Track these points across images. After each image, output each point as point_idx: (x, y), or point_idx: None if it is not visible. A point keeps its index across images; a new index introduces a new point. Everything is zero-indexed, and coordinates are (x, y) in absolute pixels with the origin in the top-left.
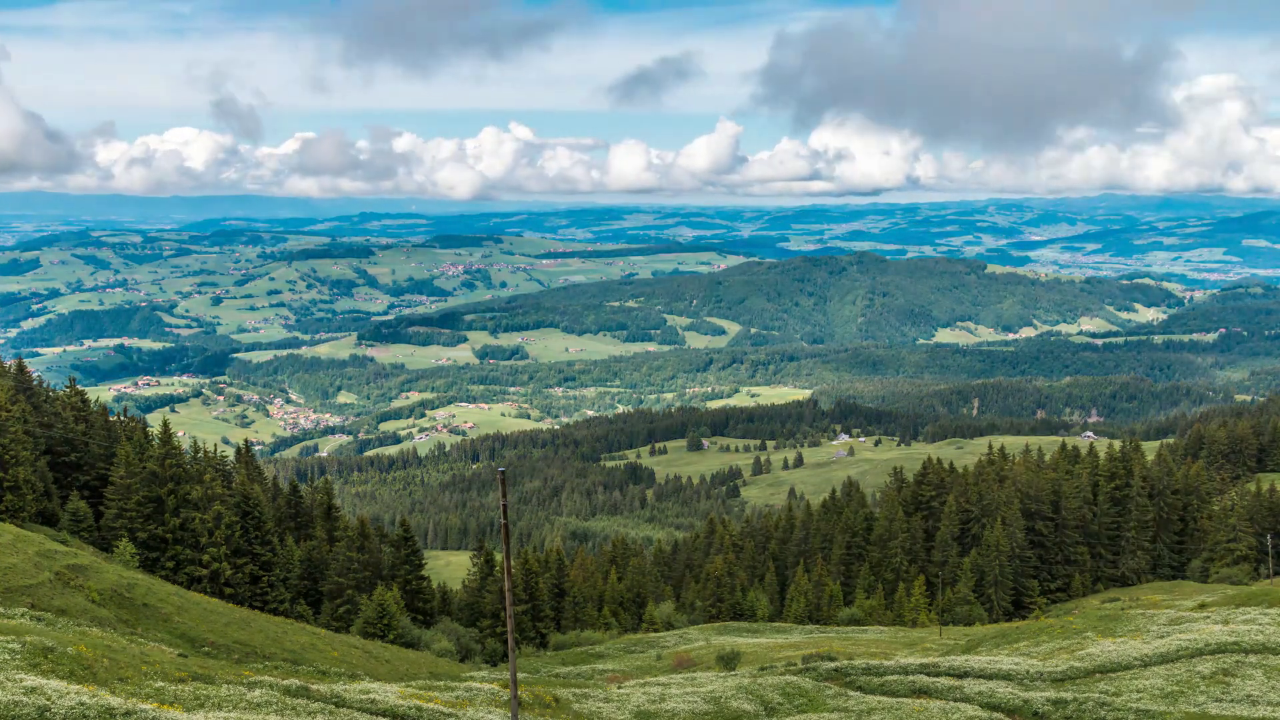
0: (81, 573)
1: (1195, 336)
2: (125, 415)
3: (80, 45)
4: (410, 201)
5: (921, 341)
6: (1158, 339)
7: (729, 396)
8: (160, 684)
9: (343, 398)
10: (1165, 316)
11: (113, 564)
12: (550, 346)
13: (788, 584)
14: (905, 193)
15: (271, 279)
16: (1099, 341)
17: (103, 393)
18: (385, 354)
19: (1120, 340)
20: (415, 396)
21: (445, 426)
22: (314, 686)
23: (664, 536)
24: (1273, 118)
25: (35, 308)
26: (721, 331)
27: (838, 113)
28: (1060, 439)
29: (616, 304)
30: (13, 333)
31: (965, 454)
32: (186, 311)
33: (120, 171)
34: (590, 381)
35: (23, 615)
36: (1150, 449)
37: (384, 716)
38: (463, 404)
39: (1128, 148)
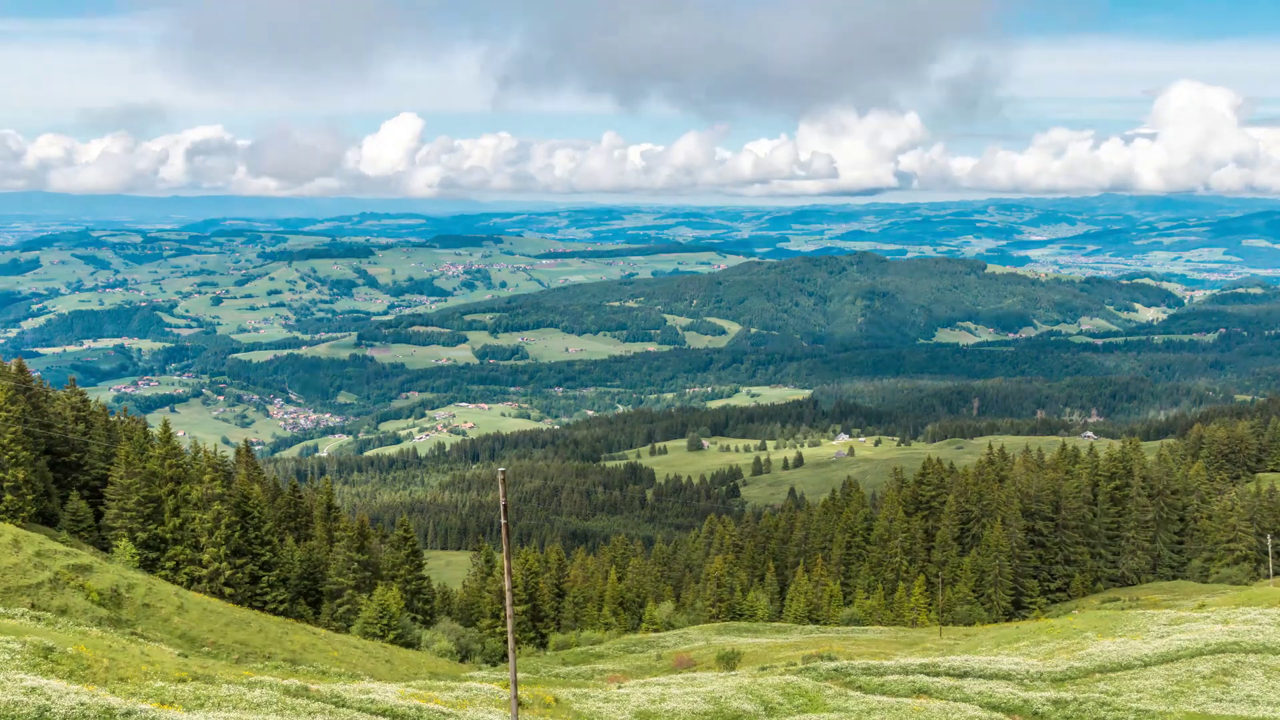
0: (81, 573)
1: (1195, 336)
2: (125, 415)
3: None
4: (411, 201)
5: (921, 341)
6: (1158, 339)
7: (729, 396)
8: (160, 684)
9: (343, 398)
10: (1165, 316)
11: (113, 564)
12: (550, 346)
13: (788, 584)
14: (905, 193)
15: (271, 279)
16: (1099, 341)
17: (103, 393)
18: (385, 354)
19: (1120, 340)
20: (415, 396)
21: (445, 426)
22: (314, 686)
23: (664, 536)
24: (1271, 119)
25: (35, 308)
26: (721, 331)
27: None
28: (1060, 439)
29: (616, 304)
30: (13, 333)
31: (965, 454)
32: (186, 311)
33: (125, 171)
34: (590, 381)
35: (23, 615)
36: (1150, 449)
37: (384, 716)
38: (463, 404)
39: (1129, 146)
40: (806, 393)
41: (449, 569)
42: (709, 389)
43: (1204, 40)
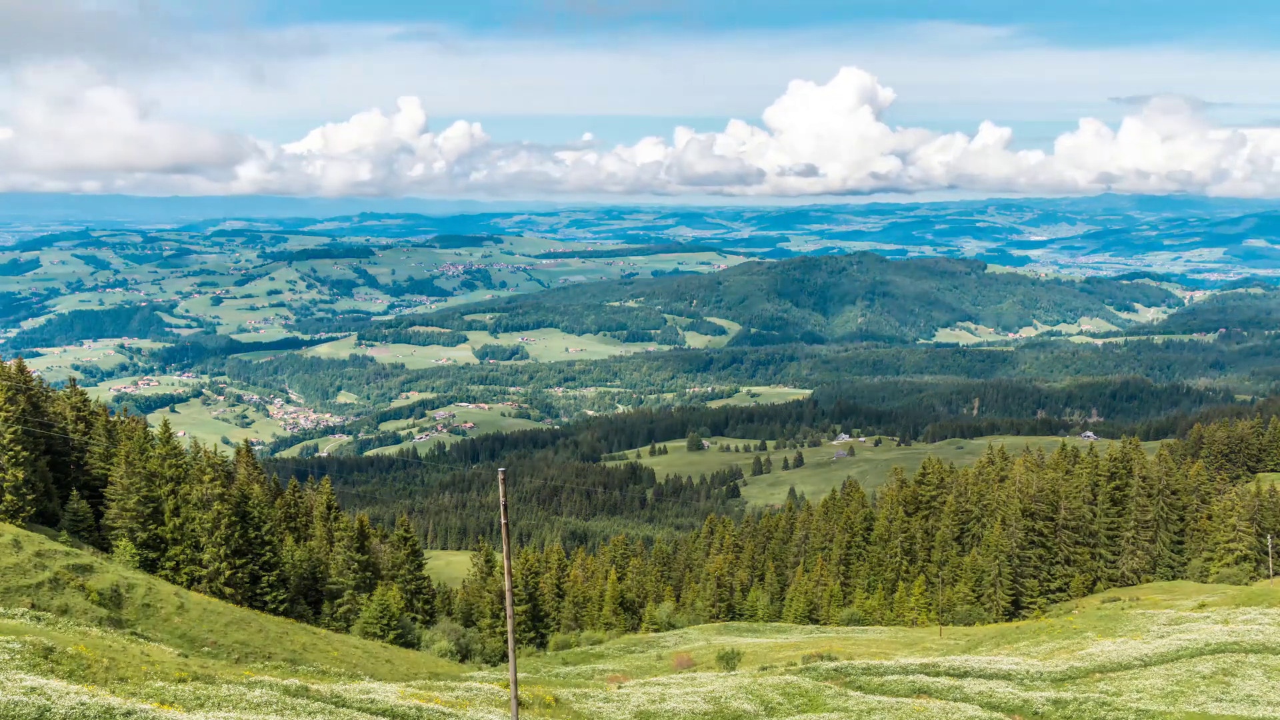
0: (81, 573)
1: (1195, 336)
2: (125, 415)
3: None
4: (411, 201)
5: (921, 341)
6: (1158, 339)
7: (729, 396)
8: (160, 684)
9: (343, 398)
10: (1165, 316)
11: (113, 564)
12: (550, 346)
13: (788, 584)
14: (905, 193)
15: (271, 279)
16: (1099, 341)
17: (103, 393)
18: (385, 354)
19: (1120, 340)
20: (415, 396)
21: (445, 426)
22: (314, 686)
23: (664, 536)
24: (1270, 121)
25: (36, 308)
26: (721, 331)
27: None
28: (1060, 439)
29: (616, 304)
30: (13, 333)
31: (965, 454)
32: (186, 311)
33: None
34: (590, 381)
35: (23, 615)
36: (1150, 449)
37: (384, 716)
38: (463, 404)
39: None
40: (806, 393)
41: (449, 569)
42: (709, 389)
43: (1200, 45)
